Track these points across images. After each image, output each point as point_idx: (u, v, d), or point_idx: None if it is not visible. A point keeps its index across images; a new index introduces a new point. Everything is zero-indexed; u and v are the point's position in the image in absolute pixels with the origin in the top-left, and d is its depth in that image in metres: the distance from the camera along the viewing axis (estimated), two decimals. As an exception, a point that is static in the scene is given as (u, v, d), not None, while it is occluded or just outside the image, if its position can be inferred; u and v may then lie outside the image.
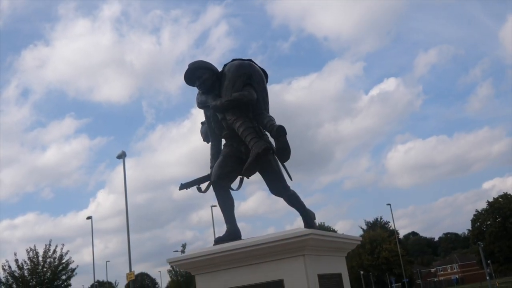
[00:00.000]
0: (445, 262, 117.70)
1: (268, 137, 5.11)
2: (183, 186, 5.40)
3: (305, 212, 5.31)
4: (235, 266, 4.55)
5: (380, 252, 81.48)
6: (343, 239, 5.08)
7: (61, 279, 36.45)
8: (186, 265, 4.86)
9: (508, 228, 69.93)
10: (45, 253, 35.59)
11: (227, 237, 4.86)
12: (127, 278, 24.78)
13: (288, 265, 4.32)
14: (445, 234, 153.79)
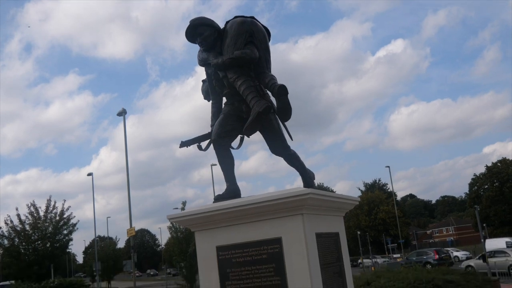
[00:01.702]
0: (441, 225, 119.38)
1: (269, 96, 5.09)
2: (184, 144, 5.43)
3: (305, 172, 5.35)
4: (234, 223, 4.61)
5: (377, 214, 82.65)
6: (342, 199, 5.13)
7: (62, 233, 37.08)
8: (186, 221, 4.92)
9: (505, 193, 70.59)
10: (47, 208, 36.08)
11: (226, 195, 4.90)
12: (128, 234, 25.18)
13: (286, 224, 4.38)
14: (443, 197, 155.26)
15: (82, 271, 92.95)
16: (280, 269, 4.34)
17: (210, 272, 4.70)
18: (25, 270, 34.26)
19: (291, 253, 4.32)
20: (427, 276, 15.16)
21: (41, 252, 35.55)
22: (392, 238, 74.18)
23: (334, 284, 4.73)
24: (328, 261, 4.71)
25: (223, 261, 4.62)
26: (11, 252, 35.80)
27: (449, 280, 14.92)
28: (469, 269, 29.09)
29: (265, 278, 4.39)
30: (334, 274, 4.80)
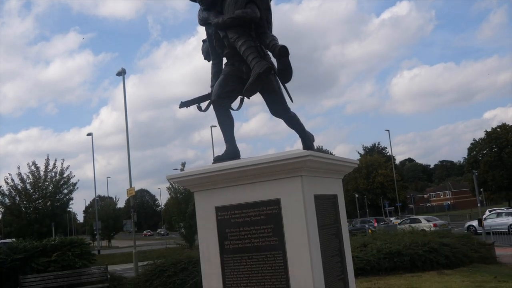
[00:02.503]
0: (439, 189, 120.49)
1: (270, 57, 5.02)
2: (183, 104, 5.39)
3: (304, 134, 5.33)
4: (233, 184, 4.62)
5: (376, 177, 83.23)
6: (341, 161, 5.13)
7: (62, 193, 37.39)
8: (185, 182, 4.94)
9: (503, 158, 70.94)
10: (46, 167, 36.23)
11: (226, 156, 4.90)
12: (128, 194, 25.35)
13: (285, 185, 4.39)
14: (441, 162, 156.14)
15: (82, 230, 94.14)
16: (278, 230, 4.38)
17: (209, 232, 4.74)
18: (26, 228, 34.68)
19: (289, 214, 4.35)
20: (423, 239, 15.40)
21: (41, 211, 35.93)
22: (389, 202, 74.95)
23: (331, 245, 4.79)
24: (326, 222, 4.75)
25: (222, 221, 4.67)
26: (12, 211, 36.17)
27: (445, 243, 15.15)
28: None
29: (263, 238, 4.43)
30: (332, 235, 4.85)
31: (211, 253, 4.72)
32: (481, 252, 16.06)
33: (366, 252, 14.63)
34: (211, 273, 4.72)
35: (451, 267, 14.00)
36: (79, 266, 15.66)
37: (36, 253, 15.29)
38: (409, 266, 13.95)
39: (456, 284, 10.84)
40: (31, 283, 14.51)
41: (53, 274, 14.93)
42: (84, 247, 16.79)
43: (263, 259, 4.42)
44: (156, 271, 14.33)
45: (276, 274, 4.36)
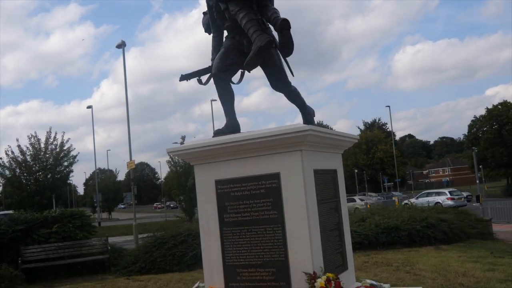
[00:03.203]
0: (438, 165, 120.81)
1: (271, 30, 4.97)
2: (184, 77, 5.36)
3: (305, 108, 5.31)
4: (233, 158, 4.63)
5: (376, 153, 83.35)
6: (341, 136, 5.13)
7: (63, 165, 37.46)
8: (185, 155, 4.95)
9: (503, 135, 70.86)
10: (47, 139, 36.22)
11: (226, 129, 4.89)
12: (128, 167, 25.40)
13: (285, 159, 4.40)
14: (441, 138, 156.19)
15: (83, 202, 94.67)
16: (277, 203, 4.40)
17: (209, 205, 4.77)
18: (27, 200, 34.86)
19: (288, 188, 4.37)
20: (421, 214, 15.49)
21: (42, 183, 36.05)
22: (388, 177, 75.24)
23: (330, 219, 4.82)
24: (325, 197, 4.77)
25: (221, 194, 4.69)
26: (13, 182, 36.29)
27: (442, 219, 15.25)
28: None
29: (262, 212, 4.46)
30: (331, 209, 4.88)
31: (211, 226, 4.76)
32: (479, 228, 16.19)
33: (365, 226, 14.75)
34: (210, 245, 4.77)
35: (448, 242, 14.13)
36: (79, 237, 15.80)
37: (37, 225, 15.41)
38: (406, 241, 14.07)
39: (453, 259, 10.95)
40: (32, 253, 14.67)
41: (54, 245, 15.08)
42: (85, 219, 16.91)
43: (262, 232, 4.46)
44: (156, 243, 14.46)
45: (275, 247, 4.40)
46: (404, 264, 10.55)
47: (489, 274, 8.79)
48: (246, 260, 4.54)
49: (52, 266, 14.84)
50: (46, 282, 14.04)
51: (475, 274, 8.86)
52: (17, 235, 14.79)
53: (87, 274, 15.00)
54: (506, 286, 7.77)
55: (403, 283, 8.17)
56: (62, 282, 13.87)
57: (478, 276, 8.68)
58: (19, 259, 14.32)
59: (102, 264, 15.52)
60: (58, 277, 14.70)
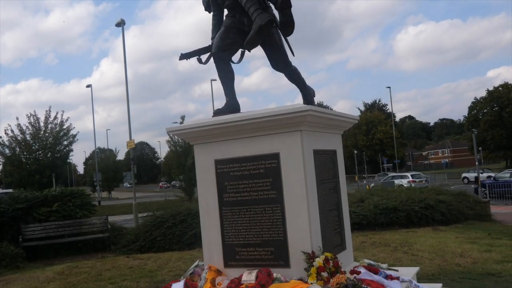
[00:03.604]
0: (437, 147, 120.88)
1: (272, 9, 4.92)
2: (183, 56, 5.31)
3: (305, 88, 5.29)
4: (232, 138, 4.63)
5: (375, 134, 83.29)
6: (341, 117, 5.12)
7: (62, 144, 37.47)
8: (185, 135, 4.94)
9: (504, 117, 70.80)
10: (46, 119, 36.17)
11: (226, 109, 4.88)
12: (127, 146, 25.40)
13: (285, 139, 4.40)
14: (441, 120, 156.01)
15: (82, 182, 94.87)
16: (277, 183, 4.41)
17: (208, 185, 4.78)
18: (27, 178, 34.95)
19: (288, 169, 4.38)
20: (420, 196, 15.55)
21: (42, 162, 36.11)
22: (388, 158, 75.31)
23: (329, 200, 4.84)
24: (324, 177, 4.78)
25: (221, 174, 4.70)
26: (13, 161, 36.35)
27: (441, 200, 15.31)
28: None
29: (261, 191, 4.47)
30: (330, 190, 4.90)
31: (210, 205, 4.78)
32: (476, 209, 16.25)
33: (363, 207, 14.82)
34: (210, 224, 4.79)
35: (446, 223, 14.20)
36: (79, 216, 15.89)
37: (37, 203, 15.48)
38: (404, 222, 14.15)
39: (450, 240, 11.02)
40: (32, 232, 14.76)
41: (54, 223, 15.17)
42: (85, 197, 16.98)
43: (262, 212, 4.48)
44: (155, 222, 14.55)
45: (274, 227, 4.43)
46: (402, 245, 10.63)
47: (486, 255, 8.86)
48: (245, 239, 4.57)
49: (52, 244, 14.95)
50: (46, 260, 14.16)
51: (472, 255, 8.93)
52: (18, 214, 14.86)
53: (87, 252, 15.12)
54: (502, 267, 7.83)
55: (401, 263, 8.23)
56: (63, 260, 13.98)
57: (475, 257, 8.75)
58: (20, 237, 14.41)
59: (102, 243, 15.64)
60: (59, 255, 14.82)
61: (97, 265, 11.38)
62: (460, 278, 7.26)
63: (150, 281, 8.95)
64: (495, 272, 7.52)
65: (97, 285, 8.97)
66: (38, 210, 15.32)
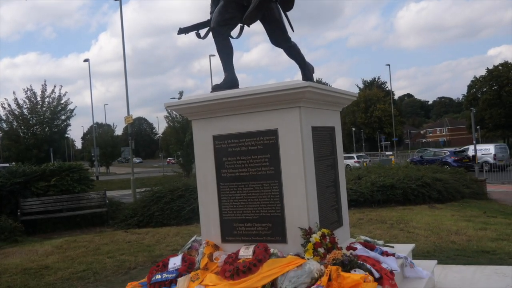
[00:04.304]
0: (436, 125, 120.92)
1: (272, -17, 4.85)
2: (182, 31, 5.25)
3: (304, 65, 5.25)
4: (231, 113, 4.61)
5: (374, 111, 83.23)
6: (340, 93, 5.09)
7: (60, 119, 37.38)
8: (183, 110, 4.92)
9: (502, 97, 70.65)
10: (43, 93, 36.00)
11: (224, 84, 4.84)
12: (125, 122, 25.34)
13: (283, 116, 4.38)
14: (440, 98, 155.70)
15: (80, 157, 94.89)
16: (275, 159, 4.41)
17: (206, 161, 4.78)
18: (25, 153, 34.96)
19: (286, 145, 4.37)
20: (417, 173, 15.60)
21: (39, 136, 36.08)
22: (386, 136, 75.42)
23: (326, 176, 4.85)
24: (322, 154, 4.79)
25: (219, 150, 4.69)
26: (10, 136, 36.31)
27: (438, 178, 15.37)
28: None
29: (259, 167, 4.48)
30: (327, 166, 4.90)
31: (208, 181, 4.78)
32: (473, 188, 16.35)
33: (360, 184, 14.88)
34: (207, 200, 4.81)
35: (442, 201, 14.29)
36: (78, 191, 15.93)
37: (35, 177, 15.50)
38: (401, 199, 14.23)
39: (446, 217, 11.10)
40: (31, 206, 14.82)
41: (53, 198, 15.22)
42: (83, 172, 17.01)
43: (259, 188, 4.49)
44: (153, 197, 14.62)
45: (272, 203, 4.45)
46: (398, 222, 10.70)
47: (481, 233, 8.94)
48: (242, 215, 4.59)
49: (51, 218, 15.03)
50: (45, 234, 14.25)
51: (467, 233, 9.00)
52: (16, 188, 14.90)
53: (85, 226, 15.22)
54: (497, 245, 7.90)
55: (397, 240, 8.30)
56: (61, 234, 14.08)
57: (470, 235, 8.82)
58: (18, 211, 14.48)
59: (100, 217, 15.73)
60: (57, 229, 14.92)
61: (95, 239, 11.46)
62: (455, 255, 7.33)
63: (148, 256, 9.03)
64: (489, 249, 7.59)
65: (96, 259, 9.05)
66: (36, 184, 15.36)
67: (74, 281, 7.59)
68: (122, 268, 8.20)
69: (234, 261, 4.23)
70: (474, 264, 6.59)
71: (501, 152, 35.03)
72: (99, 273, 7.94)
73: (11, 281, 7.79)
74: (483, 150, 35.83)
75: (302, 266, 3.92)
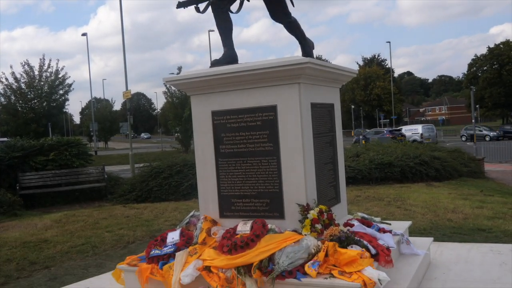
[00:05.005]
0: (435, 104, 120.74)
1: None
2: (181, 5, 5.18)
3: (304, 40, 5.21)
4: (230, 89, 4.58)
5: (373, 89, 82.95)
6: (340, 70, 5.06)
7: (58, 93, 37.19)
8: (182, 85, 4.88)
9: (503, 76, 70.45)
10: (40, 67, 35.73)
11: (223, 60, 4.79)
12: (124, 97, 25.25)
13: (283, 92, 4.36)
14: (440, 76, 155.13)
15: (79, 131, 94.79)
16: (273, 136, 4.40)
17: (205, 136, 4.77)
18: (23, 127, 34.87)
19: (285, 121, 4.36)
20: (415, 151, 15.64)
21: (38, 111, 35.94)
22: (385, 114, 75.33)
23: (325, 153, 4.85)
24: (321, 131, 4.78)
25: (217, 125, 4.68)
26: (8, 110, 36.16)
27: (436, 156, 15.41)
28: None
29: (258, 144, 4.47)
30: (326, 143, 4.90)
31: (206, 156, 4.78)
32: (471, 166, 16.40)
33: (359, 162, 14.92)
34: (206, 175, 4.81)
35: (440, 179, 14.35)
36: (76, 165, 15.97)
37: (33, 152, 15.51)
38: (399, 177, 14.28)
39: (443, 196, 11.16)
40: (30, 180, 14.86)
41: (51, 172, 15.26)
42: (81, 147, 17.01)
43: (258, 164, 4.49)
44: (152, 173, 14.65)
45: (270, 179, 4.45)
46: (395, 199, 10.76)
47: (477, 211, 8.99)
48: (241, 191, 4.60)
49: (49, 192, 15.09)
50: (44, 208, 14.33)
51: (464, 211, 9.06)
52: (14, 162, 14.92)
53: (84, 201, 15.30)
54: (493, 223, 7.96)
55: (394, 217, 8.36)
56: (60, 208, 14.16)
57: (466, 213, 8.88)
58: (17, 185, 14.53)
59: (99, 192, 15.80)
60: (56, 204, 15.00)
61: (94, 213, 11.53)
62: (451, 233, 7.39)
63: (147, 230, 9.09)
64: (485, 227, 7.65)
65: (94, 233, 9.11)
66: (34, 159, 15.37)
67: (73, 254, 7.66)
68: (121, 242, 8.27)
69: (232, 236, 4.26)
70: (470, 242, 6.65)
71: (427, 132, 41.20)
72: (98, 247, 8.01)
73: (10, 254, 7.85)
74: (413, 129, 42.97)
75: (300, 242, 3.95)
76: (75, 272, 6.67)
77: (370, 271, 3.70)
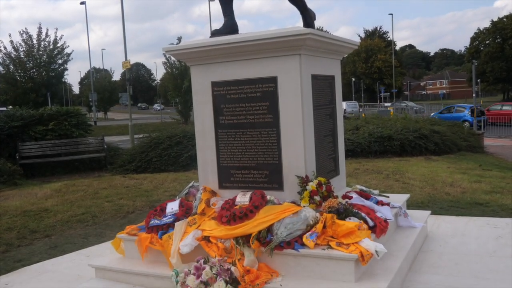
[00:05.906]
0: (436, 77, 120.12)
1: None
2: (181, -27, 5.10)
3: (306, 11, 5.14)
4: (230, 60, 4.54)
5: (374, 62, 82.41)
6: (341, 41, 5.00)
7: (57, 63, 36.94)
8: (181, 55, 4.84)
9: (505, 50, 69.82)
10: (38, 36, 35.39)
11: (224, 30, 4.74)
12: (123, 67, 25.08)
13: (283, 63, 4.32)
14: (442, 50, 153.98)
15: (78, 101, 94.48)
16: (273, 107, 4.39)
17: (204, 107, 4.75)
18: (22, 97, 34.77)
19: (285, 93, 4.33)
20: (415, 125, 15.63)
21: (37, 80, 35.76)
22: (385, 87, 74.99)
23: (324, 125, 4.84)
24: (321, 103, 4.76)
25: (217, 96, 4.65)
26: (7, 79, 35.97)
27: (435, 130, 15.41)
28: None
29: (258, 115, 4.46)
30: (326, 115, 4.89)
31: (206, 127, 4.77)
32: (470, 141, 16.42)
33: (358, 135, 14.91)
34: (205, 146, 4.81)
35: (439, 154, 14.37)
36: (76, 135, 15.98)
37: (33, 122, 15.50)
38: (398, 150, 14.30)
39: (442, 169, 11.19)
40: (29, 150, 14.88)
41: (51, 142, 15.27)
42: (81, 117, 17.00)
43: (257, 135, 4.49)
44: (151, 143, 14.66)
45: (269, 150, 4.45)
46: (394, 173, 10.80)
47: (475, 185, 9.03)
48: (240, 162, 4.60)
49: (49, 162, 15.14)
50: (44, 178, 14.40)
51: (462, 185, 9.10)
52: (14, 131, 14.92)
53: (84, 171, 15.36)
54: (490, 197, 8.01)
55: (392, 190, 8.40)
56: (60, 178, 14.22)
57: (464, 187, 8.92)
58: (17, 155, 14.56)
59: (98, 162, 15.85)
60: (56, 173, 15.05)
61: (93, 183, 11.58)
62: (449, 207, 7.43)
63: (146, 200, 9.15)
64: (483, 202, 7.69)
65: (94, 202, 9.17)
66: (34, 128, 15.37)
67: (73, 223, 7.72)
68: (121, 212, 8.33)
69: (231, 207, 4.28)
70: (467, 216, 6.69)
71: (350, 107, 46.04)
72: (97, 217, 8.07)
73: (11, 222, 7.92)
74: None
75: (298, 213, 3.97)
76: (75, 241, 6.74)
77: (368, 242, 3.74)
